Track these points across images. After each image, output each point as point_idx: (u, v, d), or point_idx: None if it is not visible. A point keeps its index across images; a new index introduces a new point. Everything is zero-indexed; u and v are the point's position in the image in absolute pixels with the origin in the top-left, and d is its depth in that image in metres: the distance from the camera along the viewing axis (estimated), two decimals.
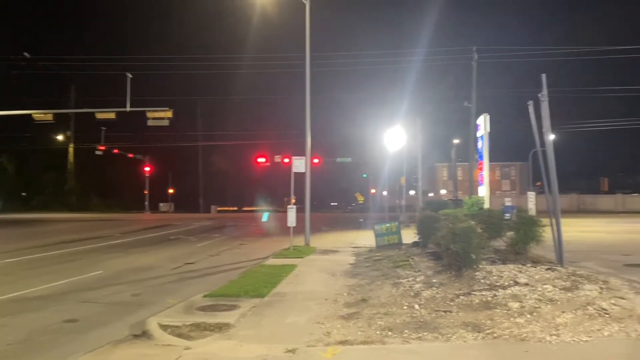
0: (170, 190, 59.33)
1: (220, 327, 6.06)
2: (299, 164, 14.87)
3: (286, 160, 34.45)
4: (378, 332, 5.58)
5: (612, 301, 6.26)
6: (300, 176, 15.19)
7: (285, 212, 14.52)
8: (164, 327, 6.12)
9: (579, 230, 21.93)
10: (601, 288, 6.87)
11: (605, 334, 5.19)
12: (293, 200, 15.03)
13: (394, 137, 27.32)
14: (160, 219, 36.05)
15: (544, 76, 9.40)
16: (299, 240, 15.04)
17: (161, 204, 56.13)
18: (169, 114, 24.28)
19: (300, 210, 14.81)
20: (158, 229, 25.66)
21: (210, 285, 8.80)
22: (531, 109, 9.71)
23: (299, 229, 14.92)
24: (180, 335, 5.84)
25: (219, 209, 54.48)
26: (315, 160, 38.28)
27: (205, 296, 7.71)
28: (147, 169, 51.66)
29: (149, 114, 24.20)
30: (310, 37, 15.93)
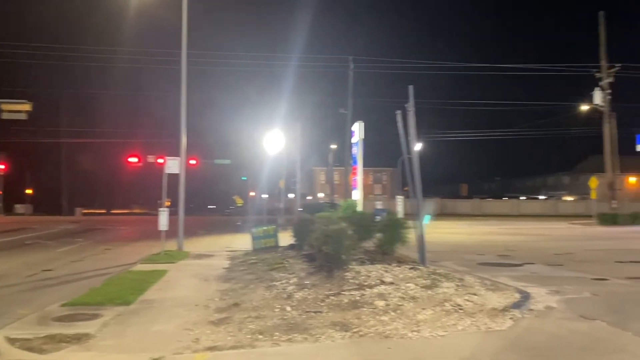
0: (29, 191, 54.21)
1: (79, 338, 5.61)
2: (173, 165, 14.34)
3: (160, 160, 33.05)
4: (249, 336, 5.52)
5: (466, 297, 6.80)
6: (175, 178, 14.65)
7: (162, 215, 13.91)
8: (11, 341, 5.52)
9: (442, 232, 23.63)
10: (457, 285, 7.45)
11: (460, 328, 5.61)
12: (167, 203, 14.44)
13: (273, 140, 27.44)
14: (16, 222, 32.77)
15: (410, 88, 10.00)
16: (172, 245, 14.49)
17: (17, 206, 51.06)
18: (27, 106, 22.10)
19: (174, 213, 14.27)
20: (13, 232, 23.28)
21: (70, 294, 8.13)
22: (399, 118, 10.28)
23: (172, 233, 14.37)
24: (31, 349, 5.31)
25: (84, 211, 50.69)
26: (193, 162, 37.29)
27: (63, 305, 7.11)
28: (0, 167, 46.73)
29: (3, 106, 21.85)
30: (186, 30, 15.47)
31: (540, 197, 68.05)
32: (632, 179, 68.85)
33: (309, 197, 64.79)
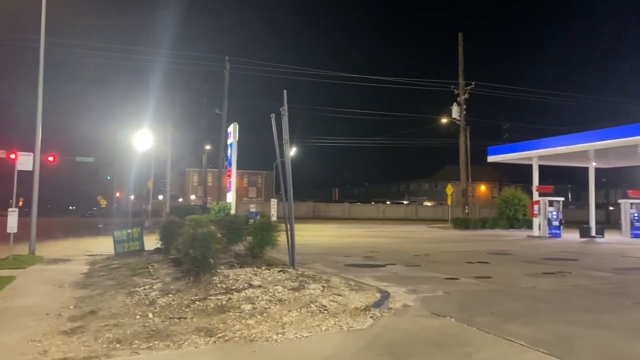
0: None
1: None
2: (26, 161, 13.10)
3: (12, 156, 29.93)
4: (105, 346, 5.17)
5: (331, 298, 7.01)
6: (30, 175, 13.38)
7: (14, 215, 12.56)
8: None
9: (313, 235, 24.18)
10: (323, 287, 7.66)
11: (323, 328, 5.75)
12: (20, 203, 13.11)
13: (141, 139, 26.17)
14: None
15: (285, 92, 10.12)
16: (23, 249, 13.19)
17: None
18: None
19: (28, 214, 12.99)
20: None
21: None
22: (273, 122, 10.35)
23: (25, 236, 13.07)
24: None
25: None
26: (51, 159, 34.25)
27: None
28: None
29: None
30: (45, 15, 14.21)
31: (404, 202, 72.55)
32: (482, 187, 76.09)
33: (180, 199, 62.75)
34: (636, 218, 26.35)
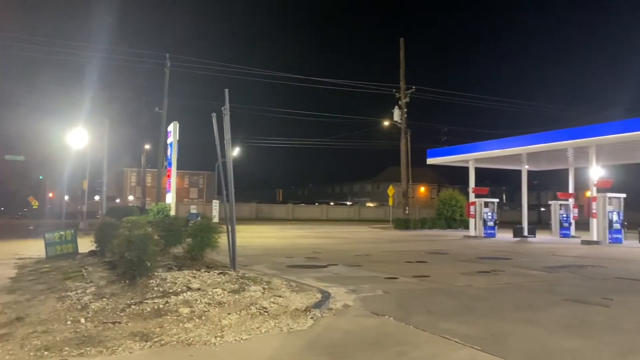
0: None
1: None
2: None
3: None
4: (32, 354, 4.91)
5: (272, 300, 6.96)
6: None
7: None
8: None
9: (256, 236, 24.02)
10: (264, 289, 7.60)
11: (263, 330, 5.70)
12: None
13: (76, 137, 25.12)
14: None
15: (226, 91, 9.98)
16: None
17: None
18: None
19: None
20: None
21: None
22: (214, 121, 10.18)
23: None
24: None
25: None
26: None
27: None
28: None
29: None
30: None
31: (347, 203, 73.33)
32: (422, 189, 78.01)
33: (118, 200, 60.74)
34: (565, 219, 27.77)
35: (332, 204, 69.33)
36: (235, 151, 32.82)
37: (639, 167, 26.17)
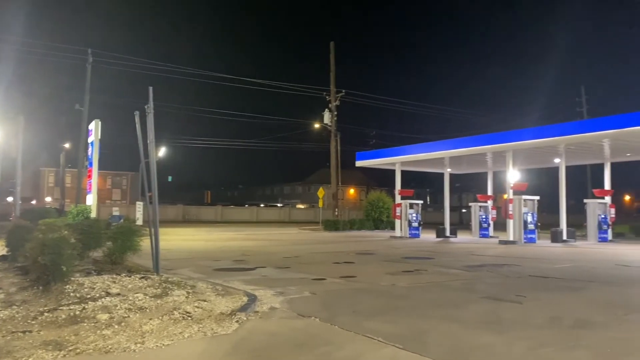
0: None
1: None
2: None
3: None
4: None
5: (196, 304, 6.81)
6: None
7: None
8: None
9: (183, 239, 23.43)
10: (188, 293, 7.41)
11: (186, 335, 5.56)
12: None
13: None
14: None
15: (150, 89, 9.66)
16: None
17: None
18: None
19: None
20: None
21: None
22: (137, 120, 9.83)
23: None
24: None
25: None
26: None
27: None
28: None
29: None
30: None
31: (278, 204, 73.19)
32: (352, 191, 79.24)
33: (34, 202, 57.30)
34: (484, 219, 29.13)
35: (262, 205, 68.90)
36: (161, 151, 31.88)
37: (552, 171, 27.89)
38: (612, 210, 25.25)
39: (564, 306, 7.60)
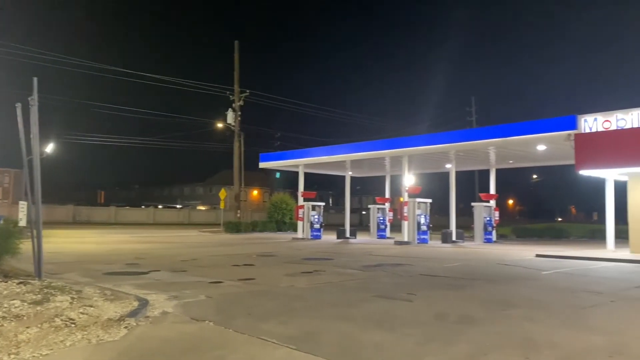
0: None
1: None
2: None
3: None
4: None
5: (81, 310, 6.40)
6: None
7: None
8: None
9: (72, 242, 21.99)
10: (73, 298, 6.95)
11: (68, 344, 5.20)
12: None
13: None
14: None
15: (35, 80, 8.96)
16: None
17: None
18: None
19: None
20: None
21: None
22: (19, 113, 9.08)
23: None
24: None
25: None
26: None
27: None
28: None
29: None
30: None
31: (177, 206, 70.97)
32: (255, 192, 78.82)
33: None
34: (381, 221, 30.23)
35: (160, 207, 66.40)
36: (49, 147, 29.66)
37: (443, 176, 29.50)
38: (497, 213, 27.25)
39: (450, 303, 8.06)
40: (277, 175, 68.34)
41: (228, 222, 35.60)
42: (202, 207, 70.57)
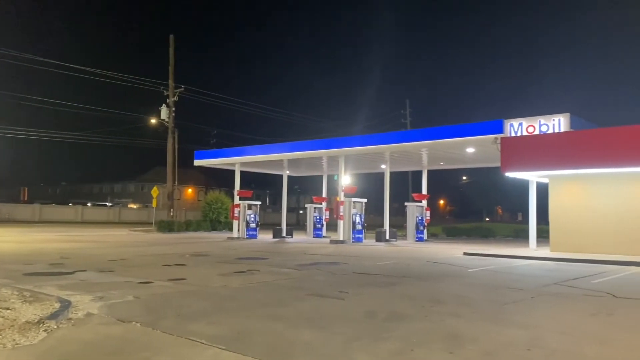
0: None
1: None
2: None
3: None
4: None
5: None
6: None
7: None
8: None
9: None
10: None
11: None
12: None
13: None
14: None
15: None
16: None
17: None
18: None
19: None
20: None
21: None
22: None
23: None
24: None
25: None
26: None
27: None
28: None
29: None
30: None
31: (107, 204, 68.36)
32: (190, 190, 77.24)
33: None
34: (318, 220, 30.43)
35: (89, 204, 63.71)
36: None
37: (379, 176, 30.09)
38: (428, 213, 28.09)
39: (381, 300, 8.23)
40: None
41: (160, 221, 34.66)
42: (133, 206, 68.31)
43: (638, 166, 15.80)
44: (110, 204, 67.52)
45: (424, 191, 28.73)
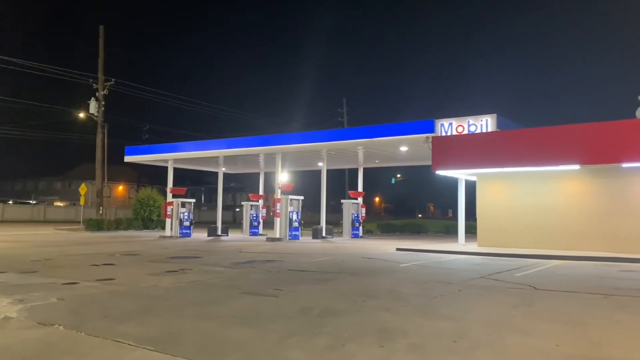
0: None
1: None
2: None
3: None
4: None
5: None
6: None
7: None
8: None
9: None
10: None
11: None
12: None
13: None
14: None
15: None
16: None
17: None
18: None
19: None
20: None
21: None
22: None
23: None
24: None
25: None
26: None
27: None
28: None
29: None
30: None
31: (31, 202, 64.79)
32: (120, 188, 74.59)
33: None
34: (254, 218, 30.21)
35: (10, 202, 60.12)
36: None
37: (315, 174, 30.28)
38: (364, 210, 28.56)
39: (315, 296, 8.28)
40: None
41: (89, 220, 33.23)
42: (60, 203, 65.13)
43: (558, 165, 16.76)
44: (34, 202, 64.00)
45: (360, 189, 29.17)
